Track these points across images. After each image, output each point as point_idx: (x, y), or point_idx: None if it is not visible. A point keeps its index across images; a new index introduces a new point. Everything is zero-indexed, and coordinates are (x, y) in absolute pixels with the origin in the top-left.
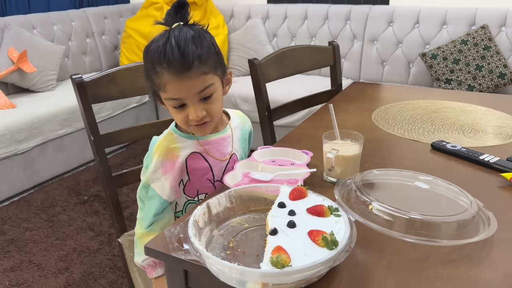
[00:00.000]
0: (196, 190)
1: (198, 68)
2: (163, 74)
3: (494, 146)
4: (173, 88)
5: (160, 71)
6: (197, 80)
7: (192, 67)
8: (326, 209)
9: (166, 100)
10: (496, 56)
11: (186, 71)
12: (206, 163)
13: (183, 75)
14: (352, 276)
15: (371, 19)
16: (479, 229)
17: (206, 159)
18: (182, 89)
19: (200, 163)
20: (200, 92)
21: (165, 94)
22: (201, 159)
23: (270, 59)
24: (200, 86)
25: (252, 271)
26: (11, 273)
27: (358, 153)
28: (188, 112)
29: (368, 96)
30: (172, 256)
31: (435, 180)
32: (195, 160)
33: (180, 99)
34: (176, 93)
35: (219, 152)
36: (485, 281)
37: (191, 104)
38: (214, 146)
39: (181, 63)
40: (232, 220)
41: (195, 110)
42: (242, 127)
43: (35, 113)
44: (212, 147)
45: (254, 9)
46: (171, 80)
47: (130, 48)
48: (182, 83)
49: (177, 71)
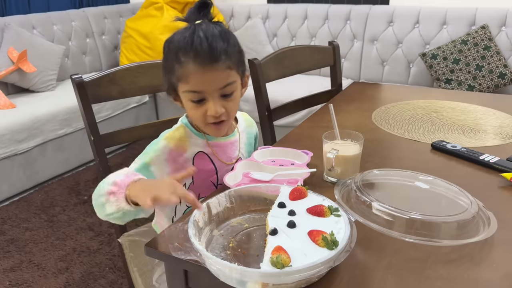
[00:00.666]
0: (198, 194)
1: (224, 62)
2: (187, 64)
3: (494, 146)
4: (196, 79)
5: (185, 60)
6: (222, 74)
7: (219, 60)
8: (326, 209)
9: (185, 93)
10: (496, 56)
11: (213, 63)
12: (212, 165)
13: (210, 66)
14: (352, 276)
15: (371, 19)
16: (479, 229)
17: (213, 161)
18: (205, 82)
19: (207, 165)
20: (223, 87)
21: (185, 86)
22: (208, 161)
23: (270, 59)
24: (224, 81)
25: (252, 271)
26: (11, 273)
27: (358, 153)
28: (207, 107)
29: (368, 96)
30: (172, 256)
31: (435, 180)
32: (202, 161)
33: (201, 92)
34: (199, 85)
35: (226, 156)
36: (485, 281)
37: (211, 99)
38: (223, 149)
39: (208, 54)
40: (232, 220)
41: (215, 105)
42: (248, 131)
43: (35, 113)
44: (220, 150)
45: (254, 9)
46: (196, 71)
47: (130, 48)
48: (207, 75)
49: (204, 62)
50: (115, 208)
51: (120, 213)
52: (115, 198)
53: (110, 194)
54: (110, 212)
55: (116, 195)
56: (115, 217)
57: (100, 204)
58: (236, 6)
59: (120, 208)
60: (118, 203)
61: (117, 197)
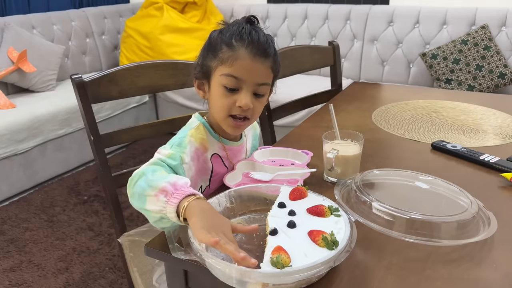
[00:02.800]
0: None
1: (271, 61)
2: (239, 48)
3: (494, 146)
4: (242, 65)
5: (237, 45)
6: (265, 71)
7: (268, 56)
8: (326, 209)
9: (223, 77)
10: (496, 56)
11: (263, 56)
12: (226, 168)
13: (260, 58)
14: (352, 276)
15: (371, 19)
16: (479, 229)
17: (226, 164)
18: (249, 71)
19: (221, 167)
20: (260, 84)
21: (227, 69)
22: (221, 163)
23: None
24: (264, 79)
25: (252, 271)
26: (11, 273)
27: (358, 153)
28: (238, 98)
29: (368, 96)
30: (172, 256)
31: (435, 180)
32: (217, 163)
33: (240, 80)
34: (242, 72)
35: (236, 159)
36: (485, 281)
37: (245, 90)
38: (235, 154)
39: (262, 48)
40: (232, 220)
41: (246, 97)
42: (253, 133)
43: (35, 113)
44: (233, 154)
45: (254, 9)
46: (245, 57)
47: (130, 48)
48: (253, 65)
49: (256, 52)
50: (158, 208)
51: (158, 216)
52: (165, 199)
53: (162, 191)
54: (150, 209)
55: (168, 197)
56: (149, 215)
57: (143, 194)
58: (236, 6)
59: (164, 213)
60: (165, 206)
61: (168, 199)
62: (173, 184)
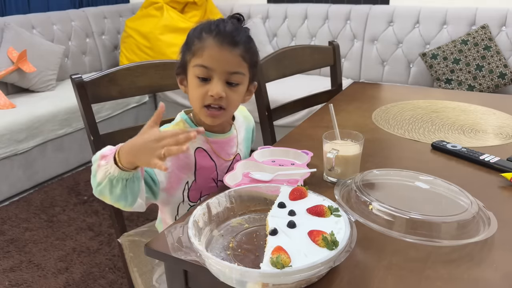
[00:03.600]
0: (200, 192)
1: (241, 51)
2: (207, 38)
3: (495, 146)
4: (210, 54)
5: (205, 36)
6: (235, 59)
7: (237, 45)
8: (326, 209)
9: (195, 68)
10: (497, 56)
11: (230, 45)
12: (212, 162)
13: (227, 46)
14: (352, 276)
15: (371, 19)
16: (479, 229)
17: (212, 157)
18: (217, 59)
19: (207, 161)
20: (231, 73)
21: (198, 60)
22: (207, 157)
23: (270, 59)
24: (234, 67)
25: (252, 271)
26: (11, 273)
27: (358, 153)
28: (210, 88)
29: (368, 96)
30: (172, 256)
31: (436, 180)
32: (202, 158)
33: (210, 69)
34: (210, 60)
35: (224, 152)
36: (485, 281)
37: (216, 80)
38: (221, 146)
39: (230, 36)
40: (232, 220)
41: (217, 86)
42: (246, 126)
43: (35, 113)
44: (219, 147)
45: (254, 9)
46: (213, 46)
47: (130, 48)
48: (221, 53)
49: (223, 41)
50: (103, 173)
51: (107, 180)
52: (104, 162)
53: (101, 159)
54: (100, 179)
55: (107, 158)
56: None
57: (93, 174)
58: (236, 6)
59: (109, 173)
60: (107, 166)
61: (107, 160)
62: (105, 151)
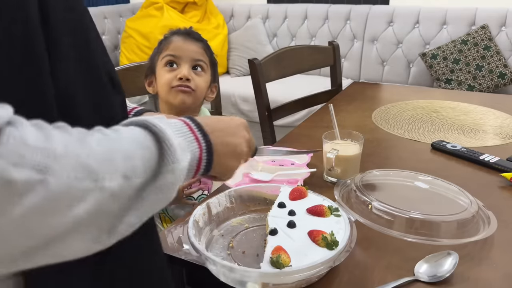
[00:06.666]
0: None
1: (203, 44)
2: (171, 37)
3: (494, 146)
4: (175, 45)
5: (169, 37)
6: (197, 49)
7: (199, 41)
8: (326, 209)
9: (164, 59)
10: (496, 56)
11: (192, 38)
12: None
13: (189, 38)
14: (352, 276)
15: (371, 19)
16: (479, 228)
17: None
18: (182, 48)
19: None
20: (196, 60)
21: (165, 52)
22: None
23: (270, 59)
24: (198, 55)
25: (252, 271)
26: None
27: (358, 153)
28: (178, 71)
29: (368, 96)
30: (172, 256)
31: (435, 180)
32: None
33: (177, 56)
34: (176, 50)
35: None
36: (485, 280)
37: (183, 65)
38: None
39: (189, 32)
40: (232, 220)
41: (185, 69)
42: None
43: None
44: None
45: (254, 9)
46: (177, 40)
47: (130, 48)
48: (185, 43)
49: (185, 36)
50: None
51: None
52: None
53: None
54: None
55: None
56: None
57: None
58: (236, 6)
59: None
60: None
61: None
62: None
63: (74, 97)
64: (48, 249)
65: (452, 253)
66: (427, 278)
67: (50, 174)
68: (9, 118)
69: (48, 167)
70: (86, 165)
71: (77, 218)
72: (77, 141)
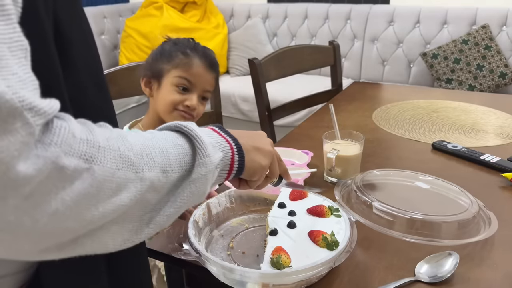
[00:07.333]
0: None
1: (216, 74)
2: (193, 58)
3: (495, 146)
4: (197, 72)
5: (192, 55)
6: (212, 81)
7: (214, 72)
8: (326, 210)
9: (177, 78)
10: (497, 55)
11: (211, 69)
12: None
13: (210, 70)
14: (352, 276)
15: (372, 19)
16: (479, 228)
17: None
18: (201, 78)
19: None
20: (207, 91)
21: (183, 73)
22: None
23: (270, 59)
24: (210, 87)
25: (252, 271)
26: None
27: (358, 153)
28: (188, 97)
29: (369, 96)
30: (172, 256)
31: (436, 180)
32: None
33: (192, 83)
34: (195, 77)
35: None
36: (485, 281)
37: (195, 93)
38: None
39: (211, 62)
40: (232, 221)
41: (195, 99)
42: None
43: None
44: None
45: (254, 9)
46: (199, 66)
47: (129, 48)
48: (205, 74)
49: (207, 65)
50: None
51: None
52: None
53: None
54: None
55: None
56: None
57: None
58: (236, 6)
59: None
60: None
61: None
62: None
63: (84, 99)
64: (95, 237)
65: (452, 254)
66: (427, 278)
67: (95, 163)
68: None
69: (93, 157)
70: (126, 157)
71: (121, 206)
72: (117, 136)
